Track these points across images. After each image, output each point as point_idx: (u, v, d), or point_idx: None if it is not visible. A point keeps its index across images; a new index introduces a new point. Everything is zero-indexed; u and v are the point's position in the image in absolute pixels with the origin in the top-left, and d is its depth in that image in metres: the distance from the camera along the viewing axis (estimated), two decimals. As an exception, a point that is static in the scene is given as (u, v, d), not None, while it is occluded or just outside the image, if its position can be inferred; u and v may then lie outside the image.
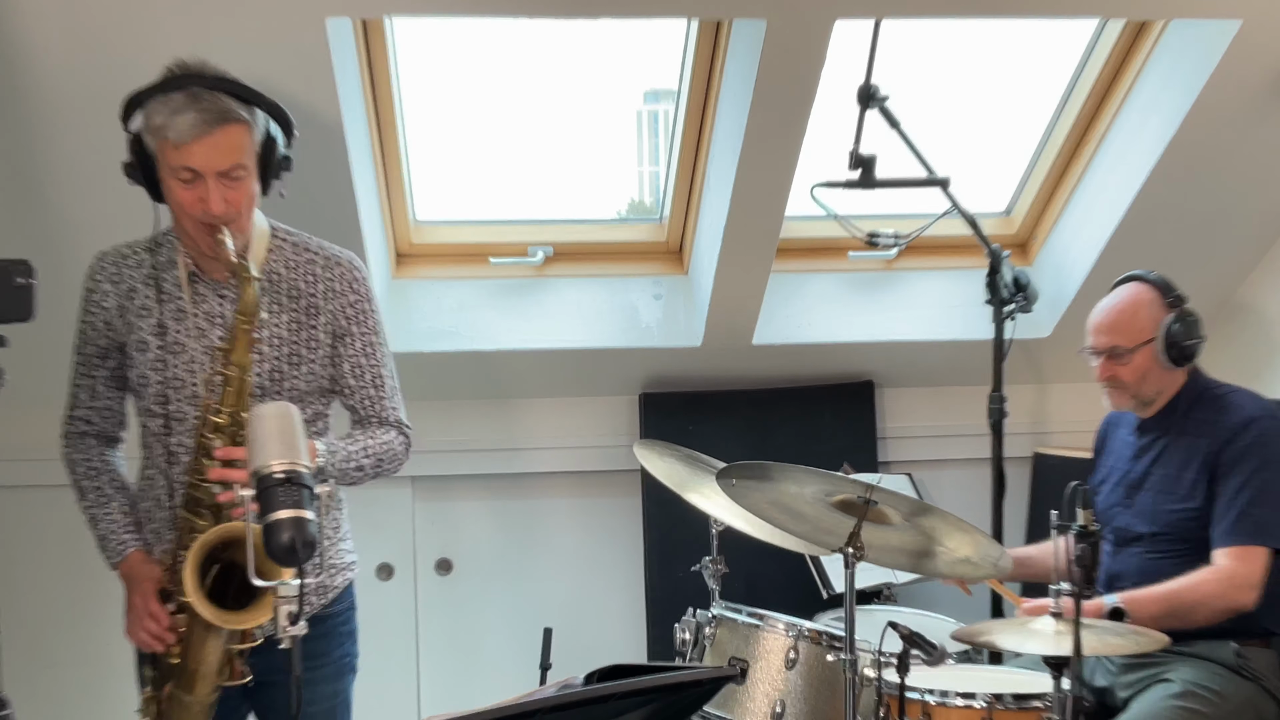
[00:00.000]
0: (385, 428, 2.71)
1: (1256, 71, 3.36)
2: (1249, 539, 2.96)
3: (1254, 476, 2.98)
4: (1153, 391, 3.15)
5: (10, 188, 3.20)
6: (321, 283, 2.64)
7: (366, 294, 2.69)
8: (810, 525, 2.92)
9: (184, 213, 2.48)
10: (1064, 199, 3.94)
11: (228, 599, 2.41)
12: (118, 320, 2.60)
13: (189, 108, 2.41)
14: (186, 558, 2.39)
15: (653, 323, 3.91)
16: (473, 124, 3.91)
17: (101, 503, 2.63)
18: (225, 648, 2.48)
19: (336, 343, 2.66)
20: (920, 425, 4.17)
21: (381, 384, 2.71)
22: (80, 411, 2.66)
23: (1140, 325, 3.12)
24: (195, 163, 2.42)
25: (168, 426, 2.58)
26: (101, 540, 2.62)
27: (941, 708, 2.81)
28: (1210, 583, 2.96)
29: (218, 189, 2.44)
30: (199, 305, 2.58)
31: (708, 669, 2.86)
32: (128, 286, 2.59)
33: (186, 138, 2.41)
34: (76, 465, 2.66)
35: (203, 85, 2.44)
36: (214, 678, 2.49)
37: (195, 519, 2.49)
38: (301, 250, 2.66)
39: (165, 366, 2.57)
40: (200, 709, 2.52)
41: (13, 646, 3.63)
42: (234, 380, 2.46)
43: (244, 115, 2.46)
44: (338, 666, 2.76)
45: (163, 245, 2.60)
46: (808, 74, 3.19)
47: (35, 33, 2.88)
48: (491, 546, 4.06)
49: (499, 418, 4.01)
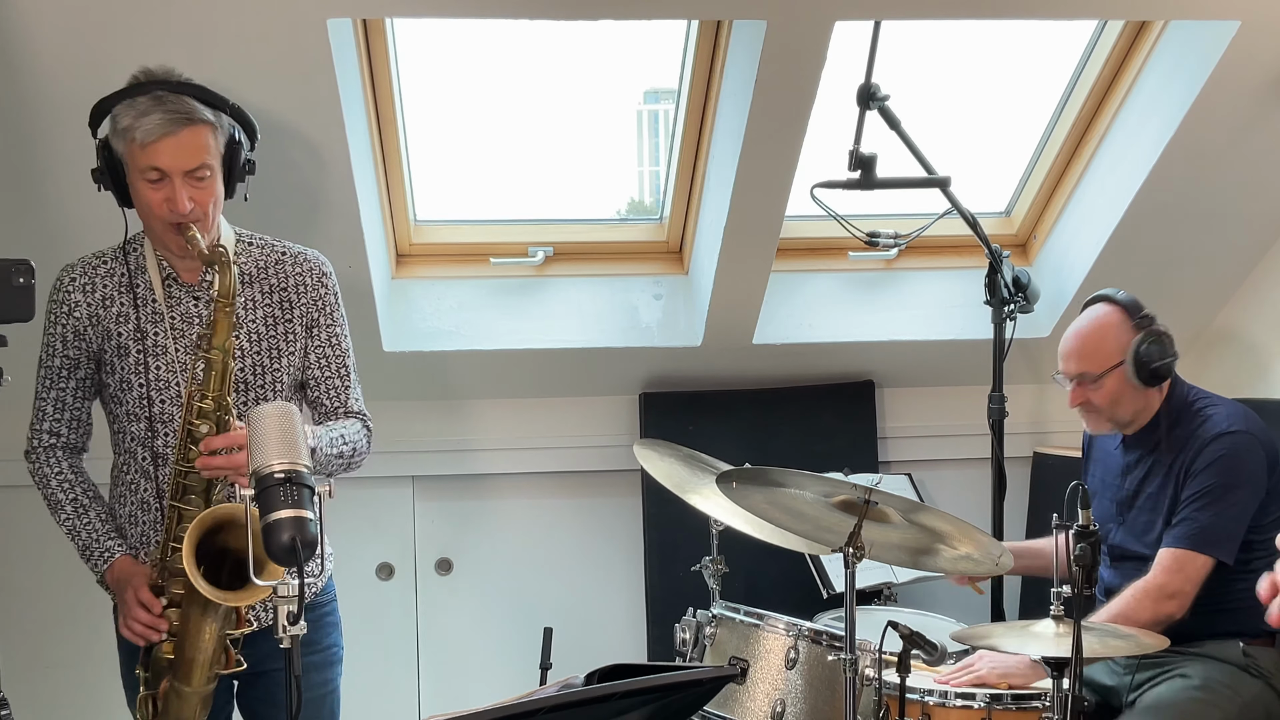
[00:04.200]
0: (351, 419, 2.76)
1: (1255, 72, 3.37)
2: (1191, 545, 2.98)
3: (1211, 488, 3.00)
4: (1129, 414, 3.14)
5: (10, 188, 3.20)
6: (292, 278, 2.71)
7: (334, 288, 2.76)
8: (811, 524, 2.92)
9: (152, 214, 2.54)
10: (1064, 199, 3.94)
11: (220, 583, 2.42)
12: (90, 329, 2.62)
13: (155, 109, 2.48)
14: (184, 538, 2.40)
15: (653, 323, 3.91)
16: (473, 124, 3.91)
17: (80, 513, 2.64)
18: (220, 634, 2.48)
19: (306, 335, 2.71)
20: (920, 425, 4.17)
21: (347, 375, 2.77)
22: (47, 424, 2.67)
23: (1108, 349, 3.10)
24: (162, 162, 2.48)
25: (152, 429, 2.60)
26: (85, 550, 2.63)
27: (941, 708, 2.81)
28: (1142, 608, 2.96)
29: (184, 189, 2.49)
30: (174, 308, 2.62)
31: (708, 669, 2.86)
32: (101, 295, 2.62)
33: (153, 137, 2.47)
34: (49, 479, 2.67)
35: (168, 89, 2.51)
36: (210, 666, 2.51)
37: (185, 507, 2.50)
38: (269, 250, 2.72)
39: (148, 369, 2.60)
40: (198, 699, 2.54)
41: (12, 646, 3.64)
42: (216, 364, 2.48)
43: (209, 117, 2.53)
44: (326, 656, 2.78)
45: (132, 252, 2.64)
46: (808, 74, 3.19)
47: (36, 32, 2.88)
48: (491, 546, 4.06)
49: (499, 417, 4.01)
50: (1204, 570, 2.98)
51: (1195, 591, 2.97)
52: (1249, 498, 3.01)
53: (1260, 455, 3.04)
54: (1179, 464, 3.07)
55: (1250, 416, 3.10)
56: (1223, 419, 3.07)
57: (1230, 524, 2.99)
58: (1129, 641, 2.74)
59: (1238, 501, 3.00)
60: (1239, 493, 3.00)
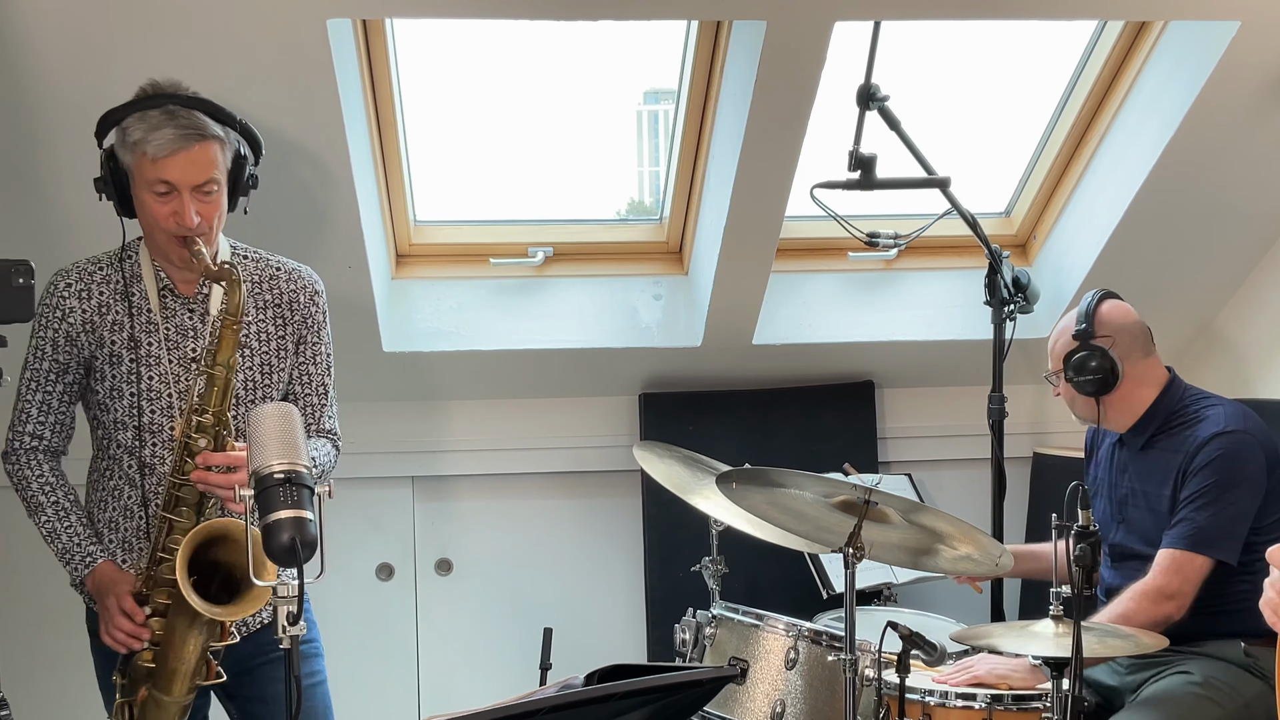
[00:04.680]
0: (322, 437, 2.78)
1: (1255, 72, 3.36)
2: (1189, 546, 2.98)
3: (1208, 488, 3.00)
4: (1083, 414, 3.19)
5: (10, 188, 3.20)
6: (287, 294, 2.73)
7: (324, 306, 2.78)
8: (811, 524, 2.92)
9: (157, 226, 2.55)
10: (1063, 199, 3.94)
11: (210, 597, 2.43)
12: (84, 336, 2.62)
13: (167, 123, 2.49)
14: (175, 550, 2.41)
15: (653, 323, 3.91)
16: (473, 124, 3.91)
17: (61, 516, 2.64)
18: (204, 646, 2.49)
19: (296, 352, 2.74)
20: (920, 425, 4.17)
21: (325, 394, 2.79)
22: (31, 427, 2.67)
23: (1056, 353, 3.19)
24: (172, 176, 2.50)
25: (140, 439, 2.61)
26: (65, 553, 2.63)
27: (941, 708, 2.81)
28: (1141, 609, 2.97)
29: (192, 203, 2.51)
30: (169, 320, 2.63)
31: (708, 669, 2.87)
32: (97, 301, 2.63)
33: (165, 151, 2.48)
34: (30, 482, 2.66)
35: (179, 103, 2.52)
36: (192, 677, 2.52)
37: (176, 518, 2.51)
38: (264, 265, 2.73)
39: (139, 379, 2.60)
40: (177, 709, 2.55)
41: (12, 646, 3.64)
42: (219, 380, 2.48)
43: (219, 132, 2.55)
44: (310, 649, 2.77)
45: (127, 260, 2.65)
46: (808, 74, 3.19)
47: (36, 32, 2.88)
48: (491, 546, 4.06)
49: (499, 418, 4.01)
50: (1203, 571, 2.98)
51: (1194, 592, 2.97)
52: (1247, 497, 3.01)
53: (1258, 454, 3.04)
54: (1177, 464, 3.07)
55: (1248, 416, 3.10)
56: (1220, 418, 3.07)
57: (1228, 523, 2.99)
58: (1129, 642, 2.74)
59: (1236, 501, 3.00)
60: (1237, 492, 3.00)
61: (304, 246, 3.13)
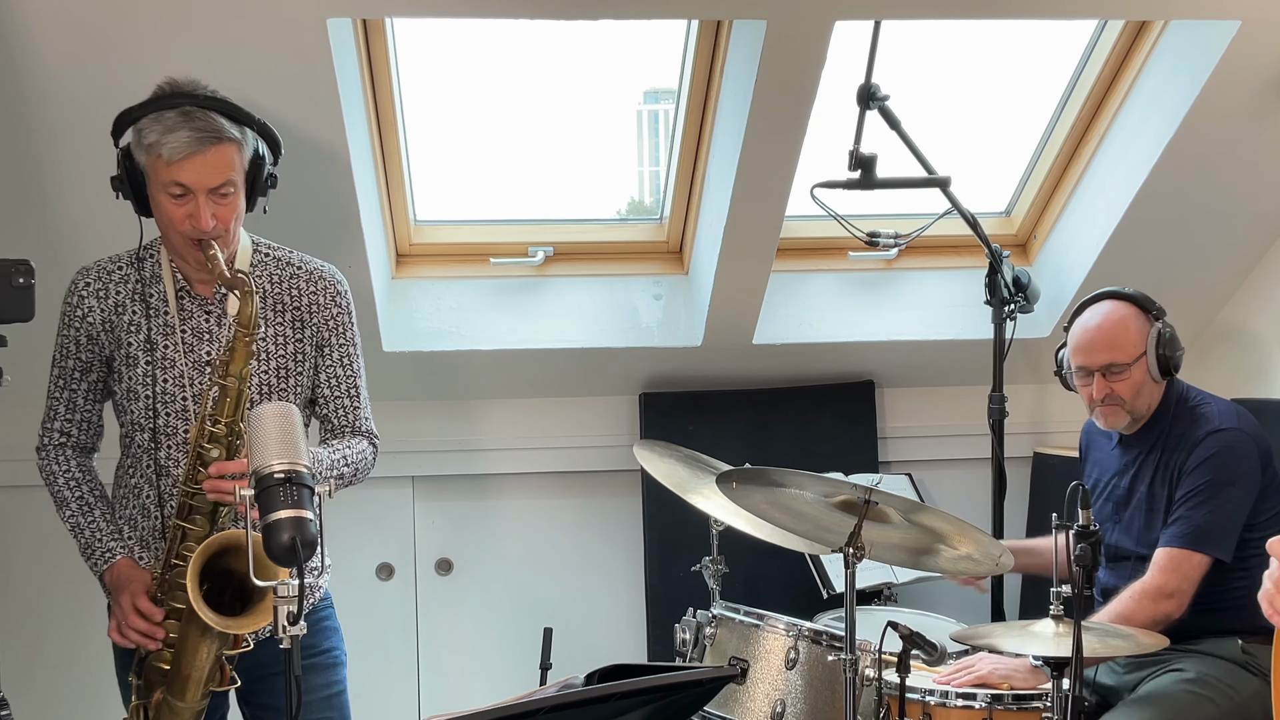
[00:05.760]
0: (358, 437, 2.76)
1: (1256, 72, 3.37)
2: (1187, 544, 2.99)
3: (1205, 486, 3.01)
4: (1145, 406, 3.15)
5: (10, 188, 3.20)
6: (306, 296, 2.69)
7: (348, 306, 2.74)
8: (811, 524, 2.92)
9: (173, 228, 2.52)
10: (1064, 199, 3.94)
11: (223, 605, 2.42)
12: (103, 335, 2.62)
13: (183, 126, 2.45)
14: (189, 562, 2.40)
15: (653, 323, 3.91)
16: (473, 124, 3.91)
17: (85, 510, 2.65)
18: (218, 654, 2.49)
19: (317, 354, 2.71)
20: (920, 425, 4.17)
21: (357, 395, 2.76)
22: (59, 424, 2.67)
23: (1133, 340, 3.12)
24: (187, 179, 2.46)
25: (155, 440, 2.60)
26: (86, 548, 2.63)
27: (941, 708, 2.81)
28: (1140, 609, 2.96)
29: (208, 205, 2.48)
30: (186, 321, 2.61)
31: (708, 669, 2.87)
32: (115, 301, 2.62)
33: (180, 154, 2.45)
34: (57, 477, 2.67)
35: (195, 104, 2.48)
36: (205, 683, 2.51)
37: (190, 526, 2.50)
38: (285, 265, 2.70)
39: (154, 381, 2.59)
40: (191, 714, 2.54)
41: (12, 646, 3.64)
42: (232, 391, 2.47)
43: (235, 134, 2.51)
44: (326, 659, 2.78)
45: (146, 260, 2.63)
46: (808, 74, 3.19)
47: (36, 32, 2.88)
48: (491, 546, 4.06)
49: (499, 418, 4.01)
50: (1201, 569, 2.98)
51: (1193, 590, 2.97)
52: (1243, 494, 3.02)
53: (1253, 452, 3.05)
54: (1173, 463, 3.08)
55: (1243, 414, 3.11)
56: (1215, 416, 3.08)
57: (1225, 521, 3.00)
58: (1129, 641, 2.74)
59: (1231, 498, 3.01)
60: (1232, 490, 3.01)
61: (304, 246, 3.12)
